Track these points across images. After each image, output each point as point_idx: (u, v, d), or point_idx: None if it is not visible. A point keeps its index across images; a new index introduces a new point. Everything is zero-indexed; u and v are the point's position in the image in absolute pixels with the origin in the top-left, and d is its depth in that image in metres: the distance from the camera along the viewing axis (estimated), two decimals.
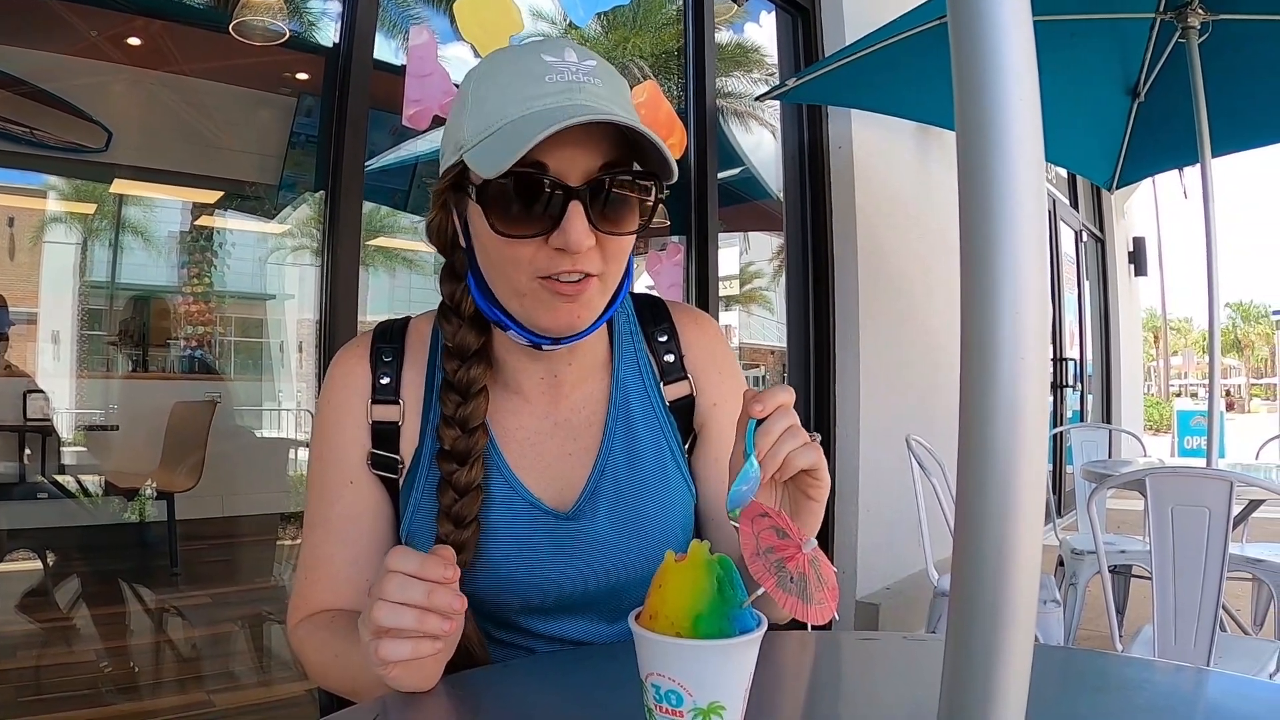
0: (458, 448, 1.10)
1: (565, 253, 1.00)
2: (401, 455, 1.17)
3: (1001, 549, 0.47)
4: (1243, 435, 12.43)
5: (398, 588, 0.87)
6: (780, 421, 0.94)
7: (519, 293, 1.05)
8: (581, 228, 0.99)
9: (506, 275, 1.05)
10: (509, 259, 1.03)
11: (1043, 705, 0.54)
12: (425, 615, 0.87)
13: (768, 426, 0.93)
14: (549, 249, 1.01)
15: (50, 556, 4.45)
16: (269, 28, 4.22)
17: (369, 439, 1.17)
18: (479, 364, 1.14)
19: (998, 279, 0.46)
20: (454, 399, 1.12)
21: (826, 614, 0.74)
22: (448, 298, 1.16)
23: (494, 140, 0.99)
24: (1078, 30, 3.87)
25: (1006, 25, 0.46)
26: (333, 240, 2.70)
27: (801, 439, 0.95)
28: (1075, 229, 9.61)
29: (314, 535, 1.18)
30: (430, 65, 2.89)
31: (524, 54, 1.04)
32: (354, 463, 1.17)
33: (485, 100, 1.03)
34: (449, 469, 1.10)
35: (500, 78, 1.03)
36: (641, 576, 1.11)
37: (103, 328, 6.15)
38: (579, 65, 1.03)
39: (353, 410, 1.18)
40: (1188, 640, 2.36)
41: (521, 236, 1.01)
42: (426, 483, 1.14)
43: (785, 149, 4.63)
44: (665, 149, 1.00)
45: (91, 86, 4.97)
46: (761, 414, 0.93)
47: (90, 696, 3.36)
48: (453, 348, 1.14)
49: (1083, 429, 5.55)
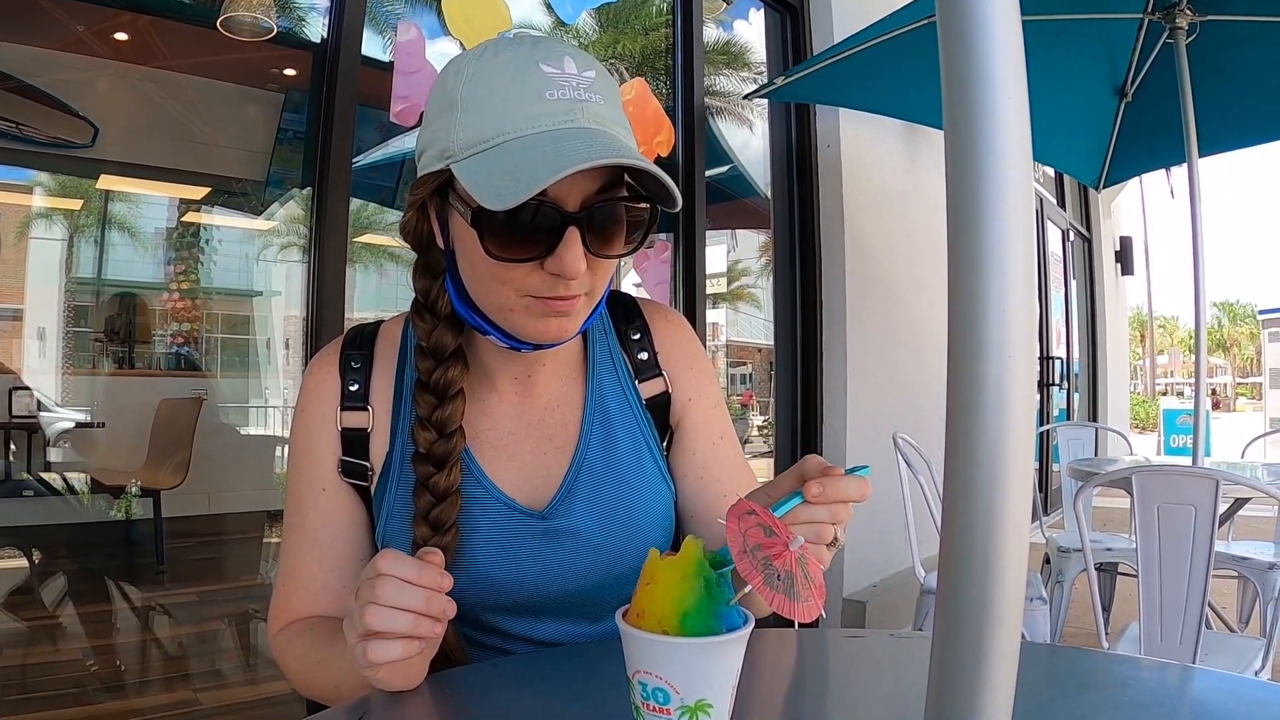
0: (435, 451, 1.08)
1: (559, 277, 0.98)
2: (371, 462, 1.16)
3: (988, 547, 0.47)
4: (1229, 434, 12.48)
5: (394, 592, 0.86)
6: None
7: (505, 308, 1.03)
8: (578, 254, 0.97)
9: (493, 291, 1.03)
10: (498, 278, 1.01)
11: (1029, 703, 0.54)
12: (420, 620, 0.87)
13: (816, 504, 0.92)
14: (542, 272, 0.99)
15: (36, 554, 4.43)
16: (257, 23, 4.21)
17: (339, 446, 1.16)
18: (456, 364, 1.11)
19: (985, 278, 0.46)
20: (429, 400, 1.10)
21: (813, 611, 0.74)
22: (421, 294, 1.13)
23: (491, 159, 0.96)
24: (1065, 30, 3.88)
25: (995, 25, 0.46)
26: (320, 237, 2.69)
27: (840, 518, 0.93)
28: (1062, 228, 9.64)
29: (290, 543, 1.17)
30: (418, 62, 2.88)
31: (521, 61, 0.99)
32: (326, 471, 1.16)
33: (479, 110, 0.98)
34: (426, 472, 1.08)
35: (496, 88, 0.99)
36: (620, 575, 1.09)
37: (89, 324, 6.13)
38: (579, 78, 0.99)
39: (323, 418, 1.17)
40: (1173, 638, 2.37)
41: (516, 260, 0.98)
42: (399, 486, 1.13)
43: (773, 147, 4.63)
44: (670, 183, 0.97)
45: (78, 82, 4.95)
46: (816, 499, 0.91)
47: (76, 695, 3.35)
48: (428, 347, 1.11)
49: (1069, 427, 5.57)
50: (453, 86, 1.02)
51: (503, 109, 0.97)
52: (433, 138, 1.03)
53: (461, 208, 1.00)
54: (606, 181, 0.99)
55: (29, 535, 4.51)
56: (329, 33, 2.81)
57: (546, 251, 0.97)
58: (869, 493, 0.93)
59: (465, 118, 0.99)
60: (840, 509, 0.92)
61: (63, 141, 5.03)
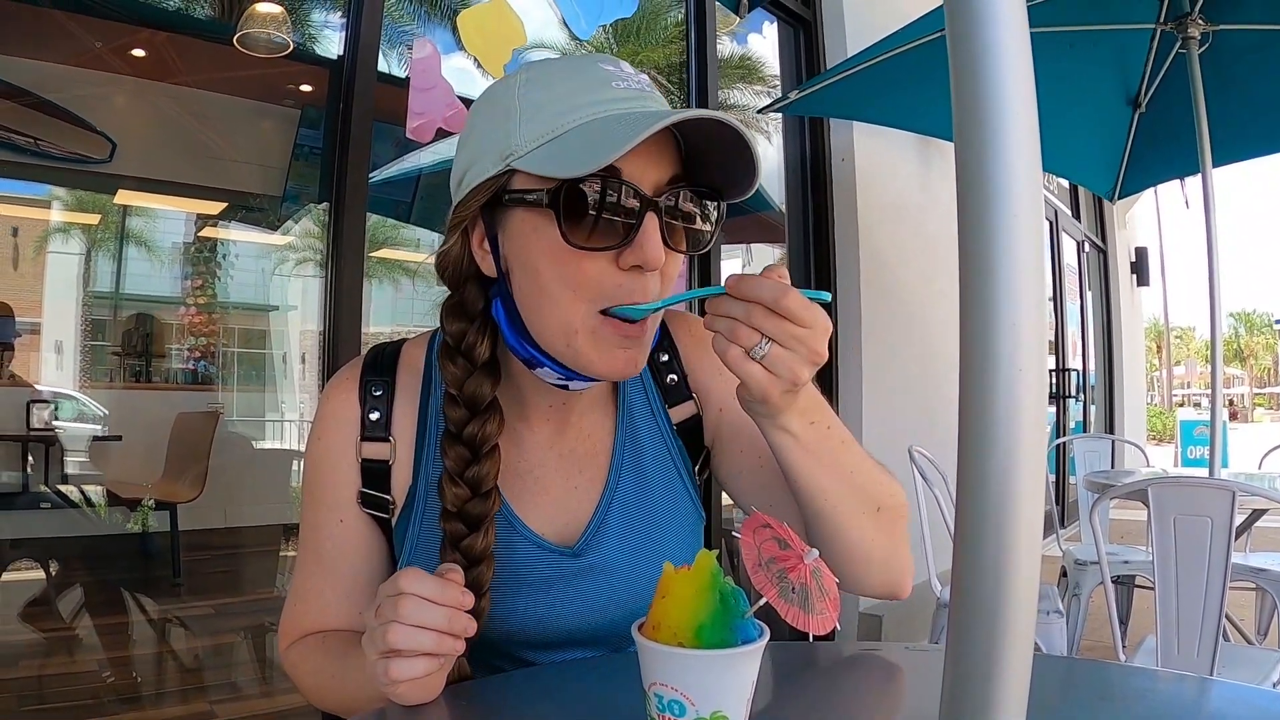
0: (469, 511, 1.01)
1: (639, 272, 0.94)
2: (393, 494, 1.12)
3: (1000, 561, 0.47)
4: (1246, 445, 12.39)
5: (417, 610, 0.85)
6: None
7: (572, 329, 0.96)
8: (658, 241, 0.93)
9: (562, 308, 0.96)
10: (572, 280, 0.94)
11: (1045, 715, 0.55)
12: (443, 638, 0.87)
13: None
14: (617, 269, 0.94)
15: (53, 566, 4.45)
16: (273, 40, 4.24)
17: (359, 477, 1.11)
18: (493, 417, 1.03)
19: (995, 291, 0.46)
20: (461, 454, 1.02)
21: (828, 624, 0.74)
22: (455, 339, 1.05)
23: (564, 143, 0.92)
24: (1078, 41, 3.88)
25: (1003, 38, 0.47)
26: (336, 252, 2.70)
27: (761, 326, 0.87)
28: (1077, 240, 9.62)
29: (305, 567, 1.15)
30: (434, 78, 2.89)
31: (578, 62, 0.99)
32: (344, 501, 1.12)
33: (543, 106, 0.94)
34: (456, 532, 1.01)
35: (557, 85, 0.96)
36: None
37: (106, 338, 6.16)
38: (637, 78, 0.98)
39: (342, 448, 1.12)
40: (1191, 650, 2.36)
41: (596, 249, 0.93)
42: (426, 516, 1.09)
43: (787, 161, 4.64)
44: (757, 157, 0.93)
45: (96, 97, 4.99)
46: (732, 290, 0.88)
47: (93, 707, 3.36)
48: (460, 396, 1.03)
49: (1085, 439, 5.55)
50: (505, 96, 0.99)
51: (569, 99, 0.94)
52: (484, 148, 0.98)
53: (531, 197, 0.94)
54: (676, 174, 0.96)
55: (46, 547, 4.53)
56: (345, 49, 2.83)
57: (625, 240, 0.93)
58: (794, 302, 0.85)
59: (527, 116, 0.95)
60: (758, 312, 0.86)
61: (80, 157, 5.06)
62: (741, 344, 0.87)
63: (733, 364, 0.89)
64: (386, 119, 2.94)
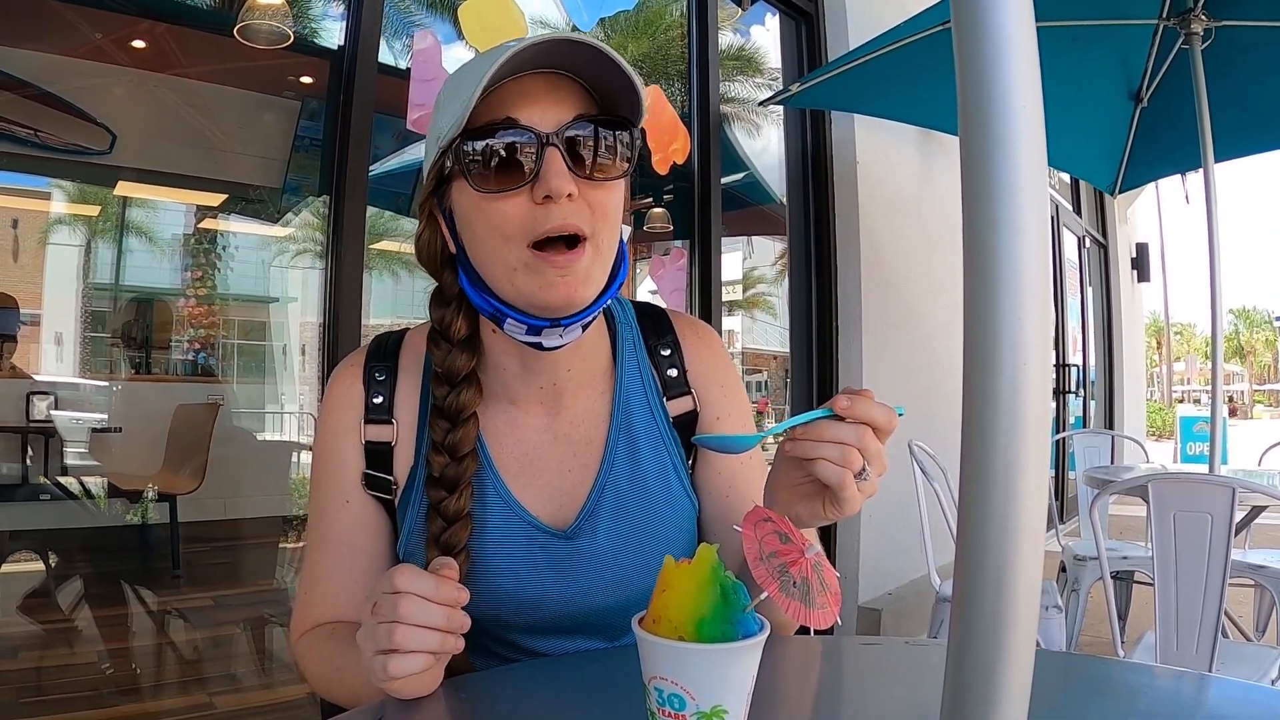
0: (447, 475, 1.08)
1: (552, 203, 0.98)
2: (396, 475, 1.16)
3: (1003, 555, 0.47)
4: (1246, 441, 12.41)
5: (418, 610, 0.87)
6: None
7: (511, 268, 1.01)
8: (560, 170, 0.98)
9: (497, 250, 1.02)
10: (497, 227, 1.01)
11: (1045, 710, 0.54)
12: (445, 637, 0.88)
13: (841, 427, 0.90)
14: (534, 205, 0.99)
15: (52, 558, 4.45)
16: (274, 31, 4.23)
17: (363, 459, 1.16)
18: (469, 388, 1.10)
19: (999, 285, 0.46)
20: (443, 425, 1.09)
21: (829, 619, 0.74)
22: (437, 323, 1.12)
23: (464, 111, 0.98)
24: (1081, 36, 3.88)
25: (1010, 31, 0.47)
26: (337, 243, 2.70)
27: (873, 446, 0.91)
28: (1078, 235, 9.61)
29: (314, 553, 1.17)
30: (435, 69, 2.89)
31: (493, 52, 1.02)
32: (349, 483, 1.16)
33: (459, 91, 1.01)
34: (437, 496, 1.08)
35: (472, 66, 1.03)
36: (642, 595, 1.09)
37: (106, 330, 6.16)
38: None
39: (347, 430, 1.17)
40: (1189, 646, 2.36)
41: (503, 190, 0.99)
42: (423, 502, 1.12)
43: (788, 153, 4.63)
44: (634, 76, 0.99)
45: (96, 89, 4.97)
46: (845, 412, 0.90)
47: (92, 698, 3.36)
48: (442, 372, 1.10)
49: (1085, 435, 5.56)
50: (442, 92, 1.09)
51: (476, 72, 0.98)
52: (429, 142, 1.08)
53: (453, 167, 1.02)
54: (581, 112, 1.02)
55: (46, 539, 4.53)
56: (346, 40, 2.82)
57: (533, 177, 0.99)
58: (896, 424, 0.91)
59: (446, 102, 1.04)
60: (867, 435, 0.89)
61: (80, 148, 5.04)
62: (853, 468, 0.90)
63: (843, 488, 0.91)
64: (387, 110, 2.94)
